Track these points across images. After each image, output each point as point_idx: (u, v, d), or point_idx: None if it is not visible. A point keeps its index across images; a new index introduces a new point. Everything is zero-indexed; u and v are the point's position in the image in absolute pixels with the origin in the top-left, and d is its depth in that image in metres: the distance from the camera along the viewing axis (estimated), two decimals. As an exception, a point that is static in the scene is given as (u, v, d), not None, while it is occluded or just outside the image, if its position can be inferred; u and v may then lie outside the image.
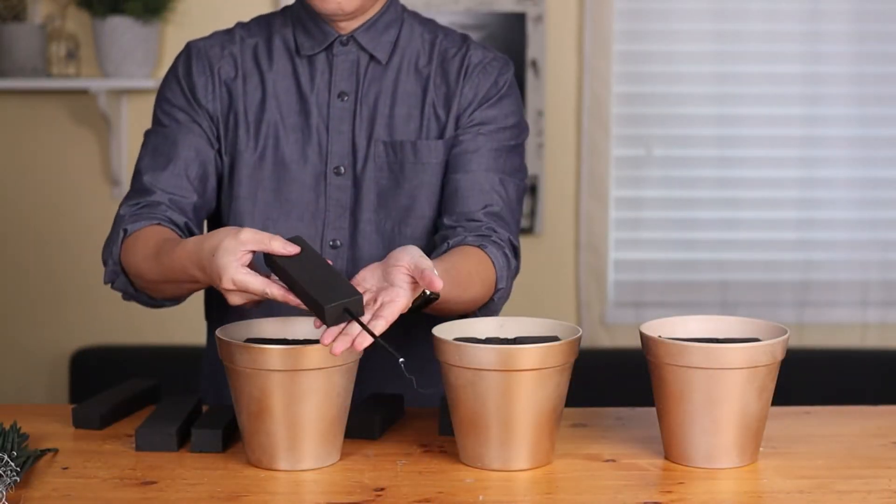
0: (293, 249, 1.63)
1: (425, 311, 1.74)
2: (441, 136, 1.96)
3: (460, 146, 1.96)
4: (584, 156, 3.64)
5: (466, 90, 1.97)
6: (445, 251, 1.87)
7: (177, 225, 1.90)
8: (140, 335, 3.67)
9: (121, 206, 1.94)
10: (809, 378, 3.43)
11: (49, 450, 1.68)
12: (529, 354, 1.59)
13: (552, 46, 3.62)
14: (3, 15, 3.53)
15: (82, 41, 3.60)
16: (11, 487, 1.52)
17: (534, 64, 3.59)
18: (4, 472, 1.52)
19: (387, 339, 1.56)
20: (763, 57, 3.66)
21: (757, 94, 3.66)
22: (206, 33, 2.08)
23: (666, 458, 1.68)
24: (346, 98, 1.96)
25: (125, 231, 1.87)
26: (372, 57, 1.97)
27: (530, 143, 3.61)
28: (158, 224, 1.87)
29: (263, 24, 2.03)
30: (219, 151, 1.97)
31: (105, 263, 1.90)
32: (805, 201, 3.71)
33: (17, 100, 3.64)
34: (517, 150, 2.01)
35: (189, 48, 2.02)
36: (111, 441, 1.74)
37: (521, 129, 2.02)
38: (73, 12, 3.59)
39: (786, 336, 1.65)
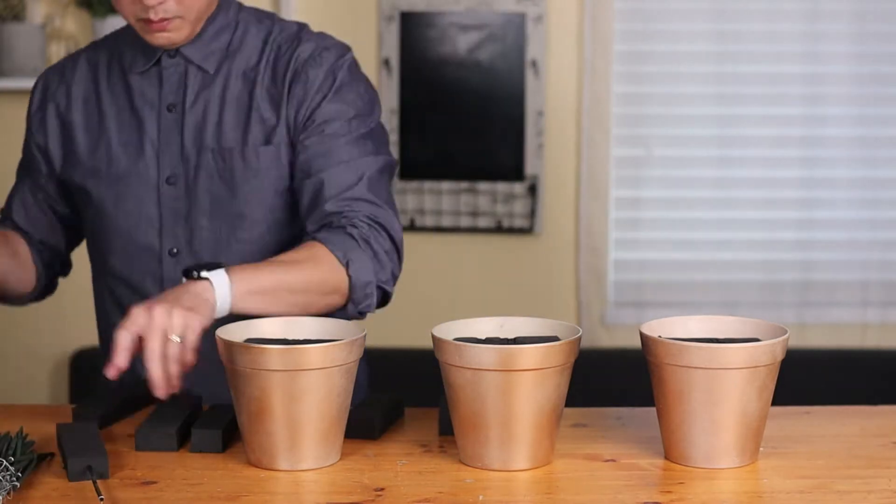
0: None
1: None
2: (269, 140, 1.96)
3: (308, 151, 1.94)
4: (584, 156, 3.64)
5: (297, 89, 1.95)
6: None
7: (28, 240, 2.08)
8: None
9: None
10: (809, 378, 3.43)
11: (49, 454, 1.67)
12: (529, 354, 1.59)
13: (552, 46, 3.62)
14: (3, 15, 3.53)
15: (82, 41, 3.60)
16: (10, 494, 1.52)
17: (534, 64, 3.59)
18: (3, 477, 1.52)
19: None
20: (763, 57, 3.65)
21: (757, 94, 3.66)
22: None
23: (666, 458, 1.68)
24: (174, 109, 1.98)
25: None
26: (199, 67, 1.97)
27: (530, 144, 3.61)
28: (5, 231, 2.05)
29: (110, 41, 2.06)
30: (58, 185, 2.07)
31: None
32: (805, 201, 3.70)
33: (17, 100, 3.63)
34: (371, 135, 1.97)
35: (37, 81, 2.11)
36: (111, 441, 1.74)
37: (368, 113, 1.98)
38: (73, 12, 3.59)
39: (786, 336, 1.65)
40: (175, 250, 1.98)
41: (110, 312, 2.06)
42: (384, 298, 1.94)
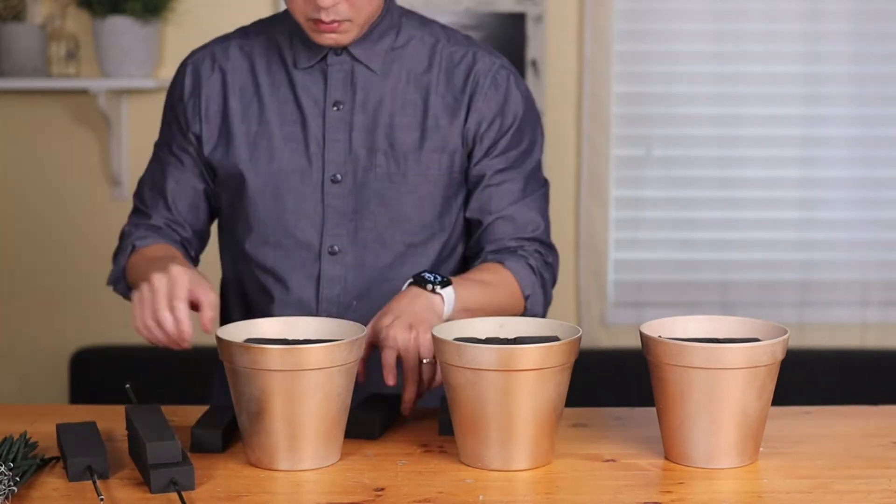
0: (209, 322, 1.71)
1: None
2: (444, 147, 1.97)
3: (487, 180, 1.99)
4: (584, 156, 3.65)
5: (479, 104, 1.98)
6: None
7: (178, 242, 2.04)
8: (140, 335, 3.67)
9: (128, 221, 2.07)
10: (809, 378, 3.42)
11: (54, 458, 1.67)
12: (529, 354, 1.59)
13: (552, 46, 3.62)
14: (3, 15, 3.53)
15: (82, 41, 3.60)
16: (8, 499, 1.52)
17: (534, 64, 3.59)
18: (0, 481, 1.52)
19: None
20: (763, 57, 3.66)
21: (757, 94, 3.66)
22: (206, 33, 2.09)
23: (666, 458, 1.68)
24: (341, 107, 1.96)
25: (134, 246, 2.01)
26: (367, 67, 1.97)
27: (530, 143, 3.61)
28: (164, 243, 2.01)
29: (262, 31, 2.03)
30: (211, 175, 2.04)
31: (113, 267, 2.03)
32: (805, 201, 3.71)
33: (17, 100, 3.64)
34: (539, 165, 2.06)
35: (185, 65, 2.05)
36: (110, 441, 1.74)
37: (540, 143, 2.06)
38: (73, 12, 3.59)
39: (786, 336, 1.65)
40: (336, 248, 1.98)
41: (252, 301, 2.04)
42: None
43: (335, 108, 1.96)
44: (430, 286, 1.84)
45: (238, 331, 1.71)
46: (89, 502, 1.52)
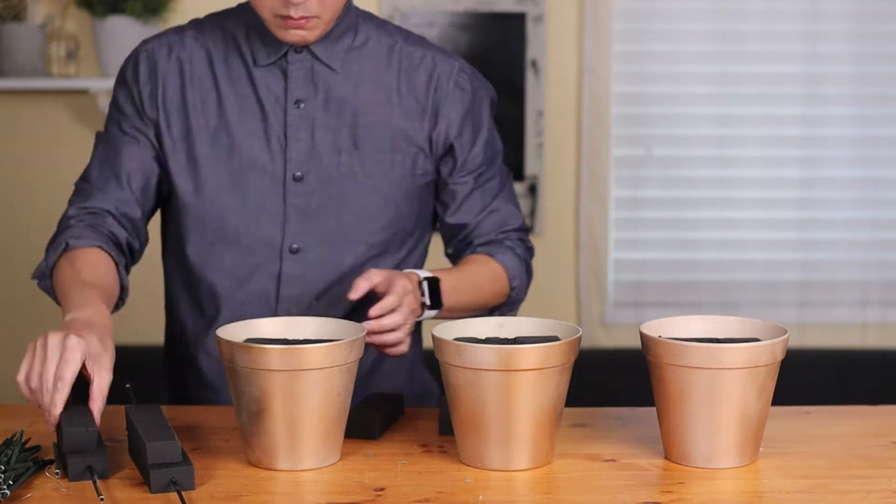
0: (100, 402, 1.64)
1: (444, 316, 1.94)
2: (408, 148, 1.98)
3: (473, 184, 2.04)
4: (584, 156, 3.65)
5: (447, 109, 1.99)
6: (457, 264, 2.07)
7: (117, 243, 1.94)
8: (140, 335, 3.67)
9: (69, 205, 1.99)
10: (809, 378, 3.42)
11: (49, 461, 1.67)
12: (529, 354, 1.59)
13: (552, 46, 3.62)
14: (3, 15, 3.53)
15: (82, 41, 3.60)
16: (2, 501, 1.52)
17: (534, 64, 3.59)
18: None
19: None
20: (763, 57, 3.66)
21: (757, 94, 3.66)
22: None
23: (666, 458, 1.68)
24: (302, 105, 1.95)
25: (67, 245, 1.90)
26: (327, 66, 1.96)
27: (530, 144, 3.61)
28: (99, 248, 1.90)
29: (217, 24, 2.00)
30: (164, 160, 1.97)
31: (43, 260, 1.93)
32: (805, 201, 3.71)
33: (17, 100, 3.64)
34: (503, 161, 2.11)
35: (138, 52, 2.00)
36: (110, 441, 1.74)
37: (501, 143, 2.11)
38: (73, 12, 3.59)
39: (786, 336, 1.65)
40: (297, 247, 1.96)
41: (204, 299, 2.01)
42: None
43: (297, 106, 1.95)
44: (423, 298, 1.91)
45: (238, 331, 1.71)
46: (89, 502, 1.52)
